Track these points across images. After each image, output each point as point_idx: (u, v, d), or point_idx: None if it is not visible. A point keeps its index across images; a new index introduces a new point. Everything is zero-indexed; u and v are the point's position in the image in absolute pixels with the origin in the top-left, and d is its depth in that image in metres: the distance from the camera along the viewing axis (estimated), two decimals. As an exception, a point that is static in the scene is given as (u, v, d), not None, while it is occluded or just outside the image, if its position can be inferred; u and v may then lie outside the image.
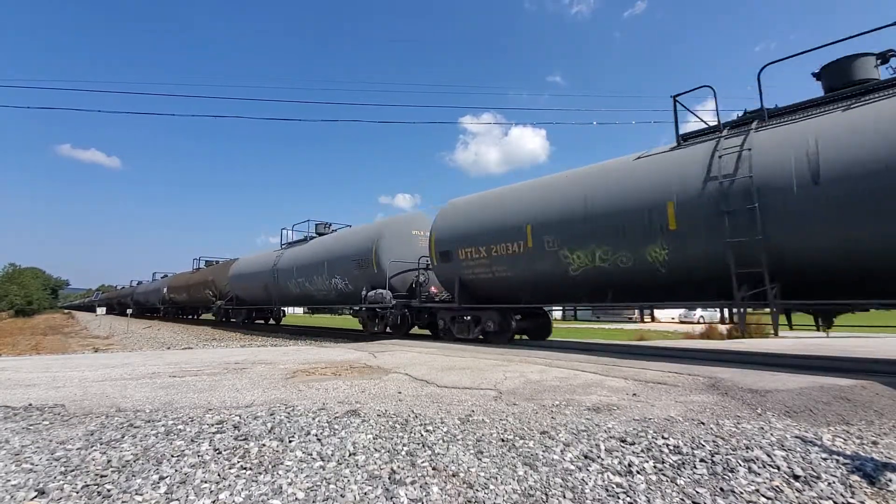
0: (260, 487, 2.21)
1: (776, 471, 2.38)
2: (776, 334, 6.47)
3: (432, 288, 11.62)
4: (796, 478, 2.31)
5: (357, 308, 13.66)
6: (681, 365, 5.69)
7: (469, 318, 9.83)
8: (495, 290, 9.26)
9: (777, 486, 2.22)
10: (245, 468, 2.43)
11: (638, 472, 2.39)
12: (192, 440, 2.86)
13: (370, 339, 11.83)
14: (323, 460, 2.55)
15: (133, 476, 2.33)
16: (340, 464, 2.50)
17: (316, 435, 2.95)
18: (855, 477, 2.32)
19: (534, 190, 8.82)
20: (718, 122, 6.73)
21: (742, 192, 5.78)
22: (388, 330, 12.38)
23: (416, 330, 12.55)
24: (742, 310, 6.06)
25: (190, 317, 32.93)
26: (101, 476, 2.33)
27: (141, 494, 2.13)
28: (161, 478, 2.30)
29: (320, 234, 16.94)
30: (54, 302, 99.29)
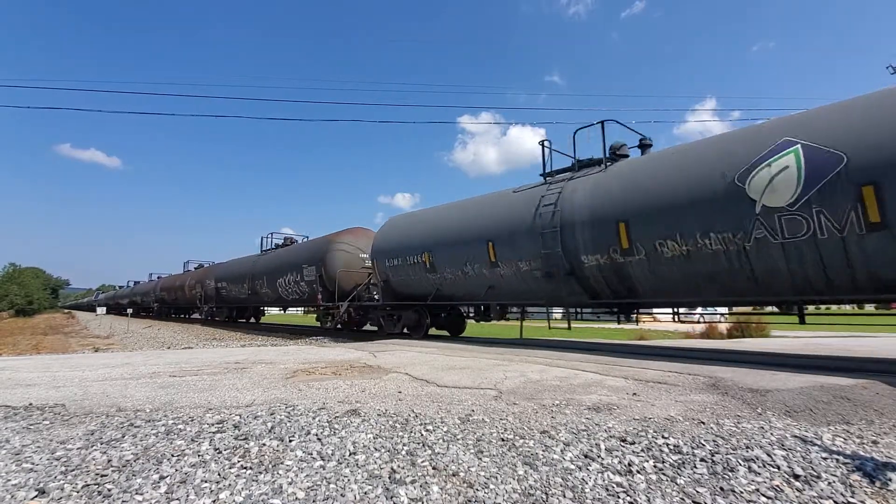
0: (260, 487, 2.21)
1: (776, 470, 2.38)
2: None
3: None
4: (796, 477, 2.31)
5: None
6: (681, 364, 5.69)
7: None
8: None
9: (777, 486, 2.23)
10: (245, 468, 2.43)
11: (638, 472, 2.39)
12: (192, 440, 2.86)
13: (368, 338, 11.86)
14: (323, 460, 2.55)
15: (133, 476, 2.33)
16: (340, 463, 2.50)
17: (316, 434, 2.95)
18: (855, 476, 2.32)
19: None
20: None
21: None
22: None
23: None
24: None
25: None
26: (102, 476, 2.33)
27: (141, 494, 2.13)
28: (161, 477, 2.30)
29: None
30: (54, 302, 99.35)
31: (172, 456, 2.59)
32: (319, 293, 14.44)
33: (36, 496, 2.12)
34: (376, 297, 12.79)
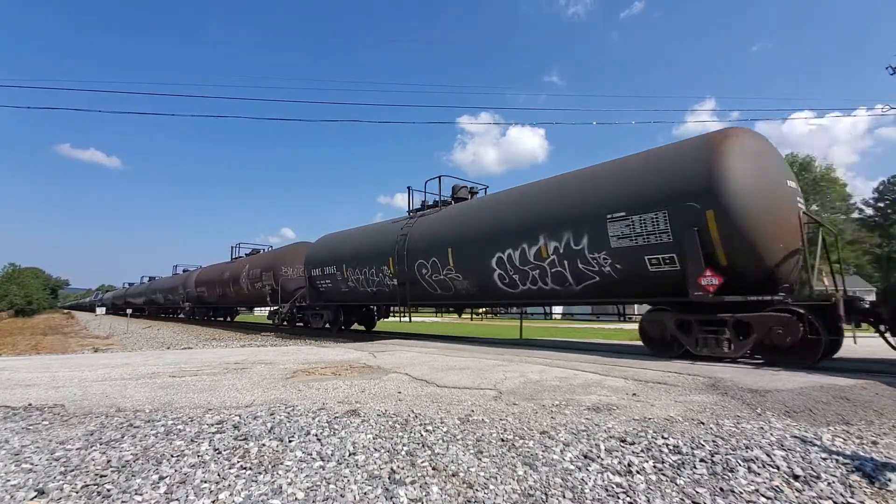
0: (260, 487, 2.21)
1: (776, 471, 2.39)
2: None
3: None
4: (796, 477, 2.31)
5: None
6: (680, 364, 5.70)
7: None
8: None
9: (777, 486, 2.23)
10: (245, 468, 2.43)
11: (638, 472, 2.39)
12: (191, 440, 2.86)
13: (370, 338, 11.84)
14: (323, 460, 2.55)
15: (133, 476, 2.33)
16: (340, 464, 2.50)
17: (316, 435, 2.95)
18: (855, 477, 2.32)
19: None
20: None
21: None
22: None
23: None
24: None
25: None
26: (101, 476, 2.33)
27: (141, 494, 2.13)
28: (161, 478, 2.30)
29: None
30: (54, 302, 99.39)
31: (172, 456, 2.59)
32: (707, 274, 5.96)
33: (35, 496, 2.12)
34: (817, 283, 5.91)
